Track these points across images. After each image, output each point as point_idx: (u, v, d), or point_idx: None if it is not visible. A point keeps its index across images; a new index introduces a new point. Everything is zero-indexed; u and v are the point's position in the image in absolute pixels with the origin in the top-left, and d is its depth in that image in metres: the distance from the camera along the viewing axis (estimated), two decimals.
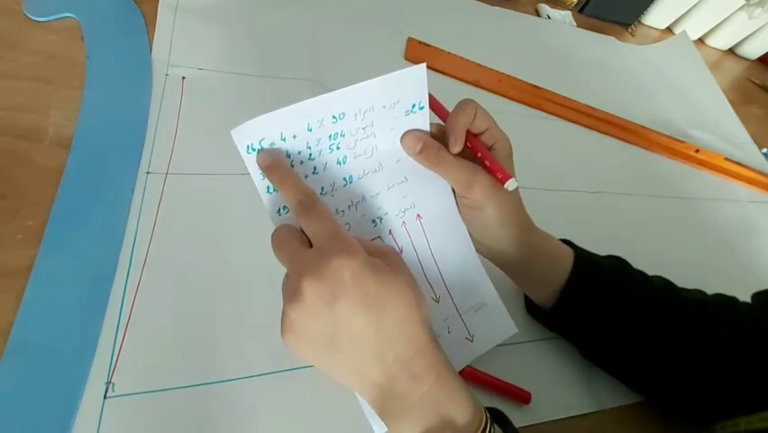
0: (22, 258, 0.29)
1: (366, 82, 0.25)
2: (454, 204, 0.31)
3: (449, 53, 0.60)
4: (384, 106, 0.27)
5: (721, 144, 0.71)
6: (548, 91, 0.63)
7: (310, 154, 0.26)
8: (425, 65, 0.27)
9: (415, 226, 0.31)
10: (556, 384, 0.36)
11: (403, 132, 0.28)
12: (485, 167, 0.29)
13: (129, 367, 0.27)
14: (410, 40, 0.59)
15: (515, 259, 0.32)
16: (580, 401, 0.36)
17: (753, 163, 0.70)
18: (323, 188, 0.27)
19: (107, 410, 0.26)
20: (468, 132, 0.29)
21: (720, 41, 1.02)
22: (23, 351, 0.26)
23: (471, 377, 0.33)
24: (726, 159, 0.68)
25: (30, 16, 0.41)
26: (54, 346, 0.27)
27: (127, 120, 0.37)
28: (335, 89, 0.24)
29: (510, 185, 0.28)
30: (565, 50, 0.75)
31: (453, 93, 0.56)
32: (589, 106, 0.64)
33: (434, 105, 0.30)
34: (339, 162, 0.27)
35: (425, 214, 0.31)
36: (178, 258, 0.32)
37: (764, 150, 0.75)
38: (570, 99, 0.64)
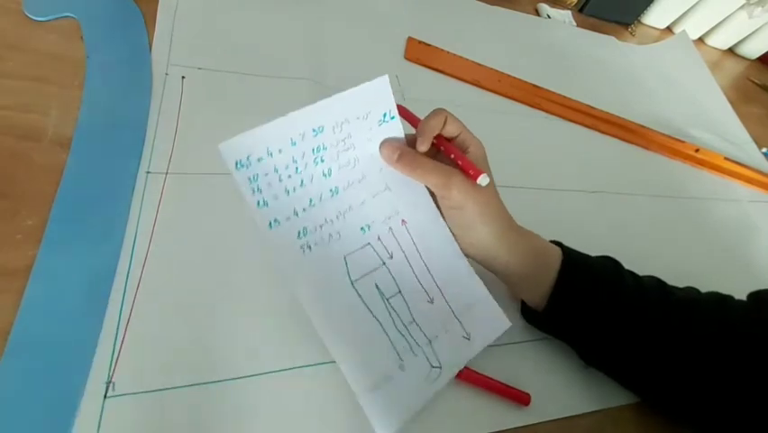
0: (21, 258, 0.29)
1: (335, 95, 0.26)
2: (435, 208, 0.32)
3: (449, 53, 0.60)
4: (358, 118, 0.28)
5: (721, 144, 0.71)
6: (548, 91, 0.63)
7: (297, 168, 0.27)
8: (386, 76, 0.28)
9: (401, 232, 0.31)
10: (556, 384, 0.36)
11: (379, 141, 0.30)
12: (459, 167, 0.30)
13: (129, 367, 0.27)
14: (410, 39, 0.59)
15: (501, 258, 0.32)
16: (579, 401, 0.36)
17: (753, 163, 0.70)
18: (311, 200, 0.28)
19: (107, 410, 0.26)
20: (441, 137, 0.31)
21: (720, 41, 1.02)
22: (23, 351, 0.26)
23: (470, 379, 0.33)
24: (725, 158, 0.68)
25: (29, 16, 0.41)
26: (54, 346, 0.27)
27: (127, 120, 0.37)
28: (335, 88, 0.25)
29: (482, 180, 0.29)
30: (565, 50, 0.75)
31: (453, 93, 0.56)
32: (589, 106, 0.65)
33: (406, 115, 0.32)
34: (324, 174, 0.28)
35: (409, 219, 0.32)
36: (178, 258, 0.32)
37: (764, 149, 0.75)
38: (570, 99, 0.64)
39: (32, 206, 0.31)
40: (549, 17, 0.80)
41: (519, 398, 0.33)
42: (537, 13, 0.81)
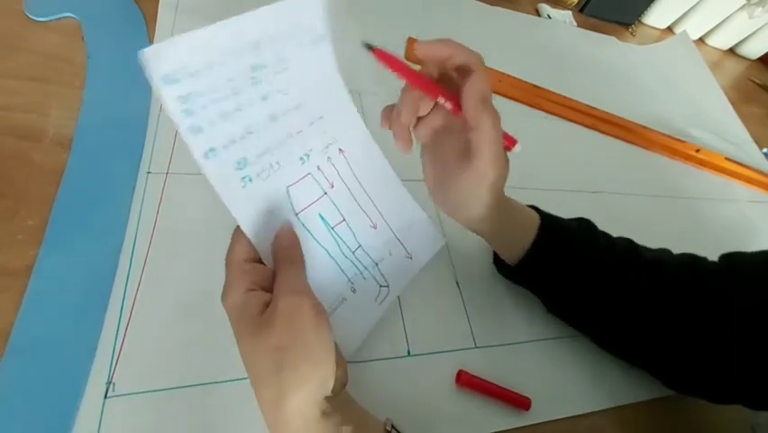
0: (22, 258, 0.29)
1: (264, 8, 0.23)
2: (368, 134, 0.32)
3: None
4: (289, 35, 0.25)
5: (721, 144, 0.71)
6: (548, 91, 0.63)
7: (233, 88, 0.24)
8: None
9: (340, 160, 0.31)
10: (556, 384, 0.36)
11: (313, 63, 0.27)
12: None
13: (129, 367, 0.27)
14: (410, 40, 0.59)
15: (485, 224, 0.33)
16: (579, 401, 0.36)
17: (753, 163, 0.70)
18: (248, 126, 0.25)
19: (107, 410, 0.26)
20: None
21: (721, 41, 1.02)
22: (24, 351, 0.26)
23: (471, 384, 0.33)
24: (726, 158, 0.68)
25: (30, 16, 0.41)
26: (54, 346, 0.27)
27: (127, 120, 0.37)
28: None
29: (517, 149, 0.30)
30: (565, 50, 0.75)
31: None
32: (589, 106, 0.64)
33: (391, 63, 0.29)
34: (263, 98, 0.26)
35: (346, 147, 0.31)
36: (178, 258, 0.32)
37: (764, 150, 0.75)
38: (570, 99, 0.64)
39: (33, 206, 0.31)
40: (549, 17, 0.80)
41: (520, 402, 0.33)
42: (538, 13, 0.81)
